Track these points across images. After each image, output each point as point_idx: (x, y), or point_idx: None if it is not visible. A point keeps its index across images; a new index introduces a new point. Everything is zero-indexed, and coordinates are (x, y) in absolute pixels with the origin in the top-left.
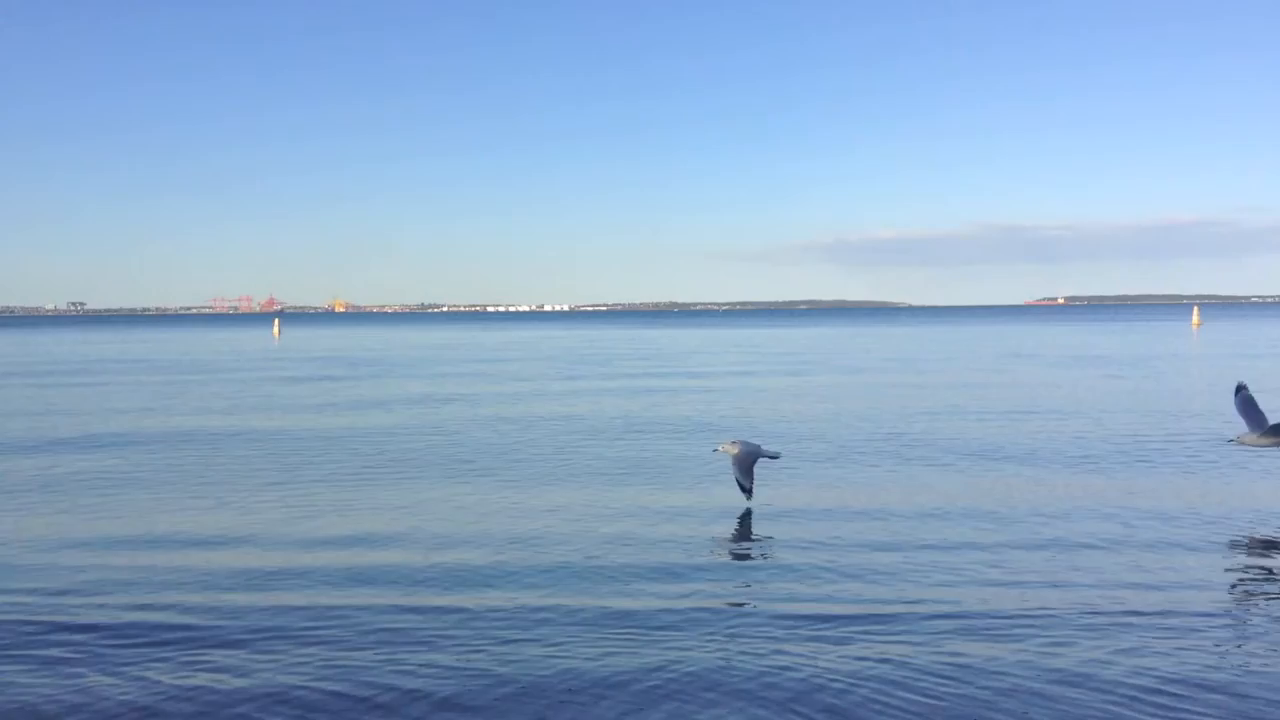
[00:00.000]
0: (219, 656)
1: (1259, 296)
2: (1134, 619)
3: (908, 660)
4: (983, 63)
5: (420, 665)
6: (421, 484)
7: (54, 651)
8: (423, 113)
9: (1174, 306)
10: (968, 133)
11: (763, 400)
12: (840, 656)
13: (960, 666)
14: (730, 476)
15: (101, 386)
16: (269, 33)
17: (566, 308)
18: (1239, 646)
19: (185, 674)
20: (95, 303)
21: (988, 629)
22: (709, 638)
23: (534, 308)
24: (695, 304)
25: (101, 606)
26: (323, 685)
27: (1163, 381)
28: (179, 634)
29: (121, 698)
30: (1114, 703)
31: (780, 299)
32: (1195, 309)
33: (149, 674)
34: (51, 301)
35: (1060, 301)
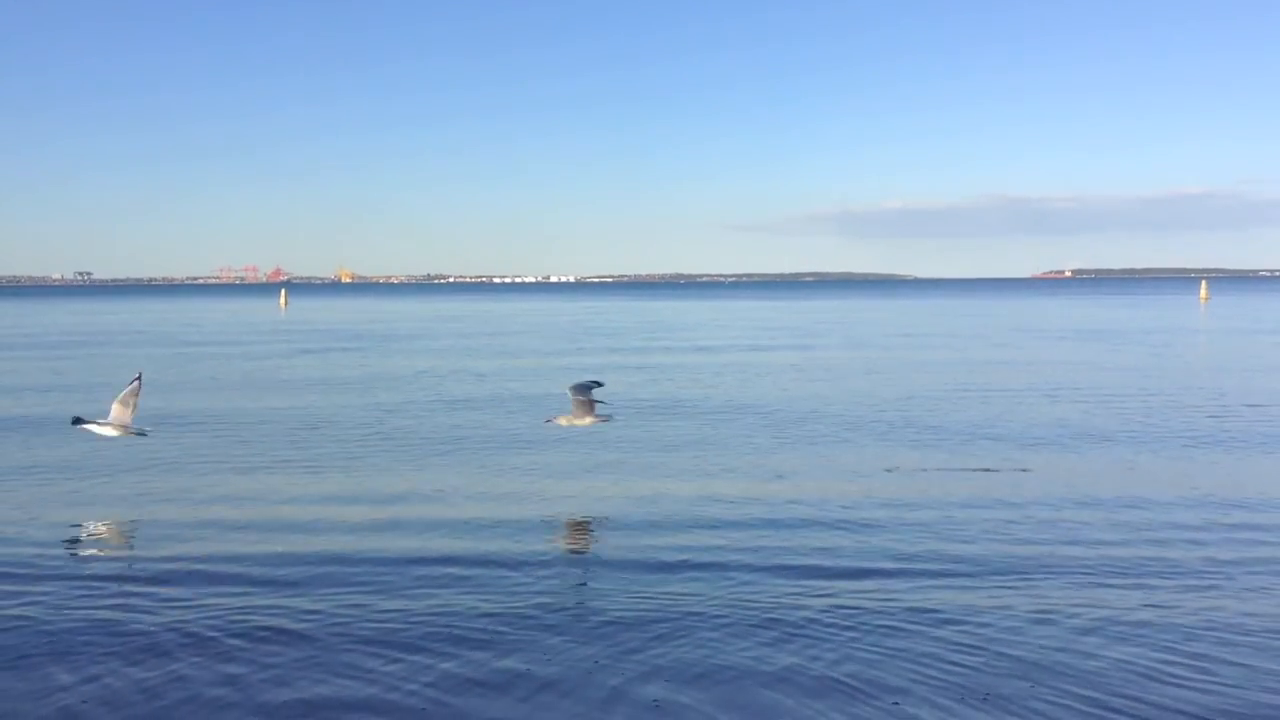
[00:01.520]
0: (272, 599)
1: (1267, 270)
2: (1107, 573)
3: (882, 609)
4: (990, 32)
5: (462, 608)
6: (444, 455)
7: (131, 599)
8: (427, 81)
9: (1181, 279)
10: (975, 103)
11: (768, 377)
12: (826, 606)
13: (940, 619)
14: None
15: (115, 359)
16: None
17: (572, 279)
18: (1195, 595)
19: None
20: (102, 273)
21: (966, 582)
22: (719, 583)
23: (540, 279)
24: (701, 275)
25: (166, 558)
26: (374, 624)
27: (1169, 359)
28: (234, 578)
29: (194, 631)
30: (1067, 643)
31: (786, 270)
32: (1203, 283)
33: (214, 609)
34: (58, 271)
35: (1067, 274)
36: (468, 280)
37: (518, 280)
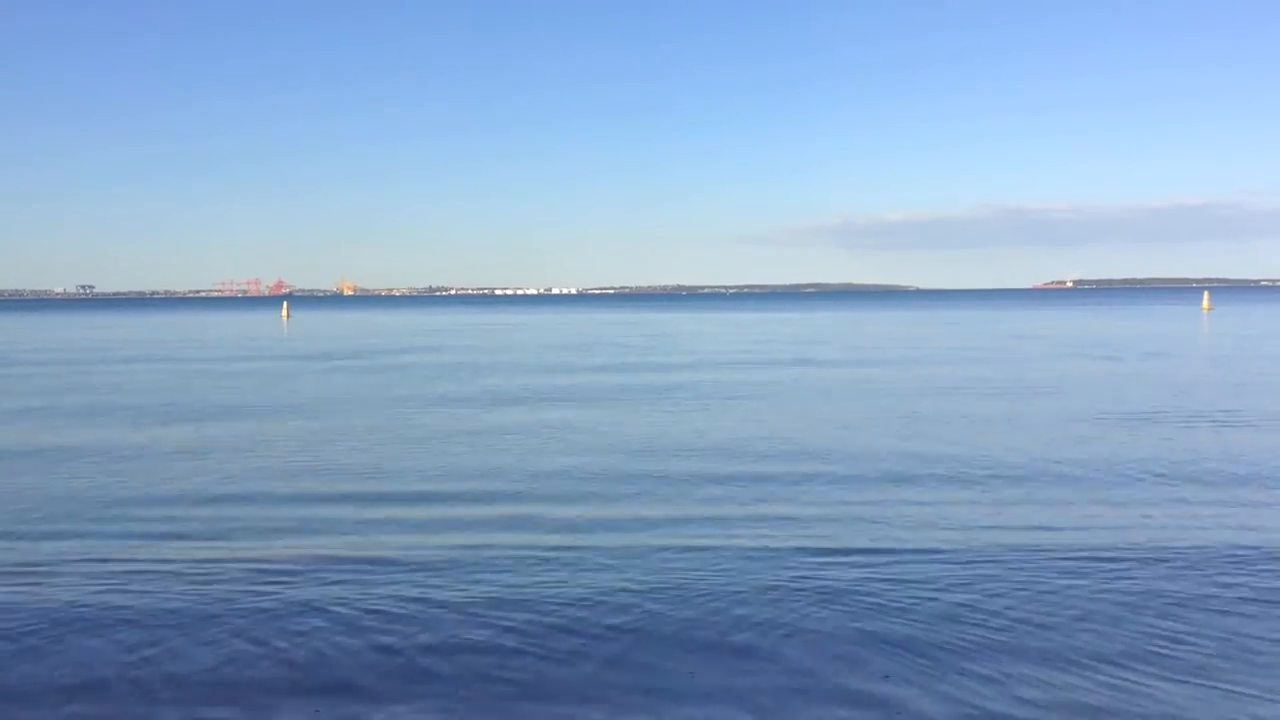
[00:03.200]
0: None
1: (1269, 280)
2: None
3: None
4: (989, 42)
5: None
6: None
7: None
8: (429, 93)
9: (1183, 290)
10: (975, 113)
11: (774, 399)
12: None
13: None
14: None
15: (124, 375)
16: (271, 11)
17: (574, 290)
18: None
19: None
20: (104, 286)
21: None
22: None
23: (542, 291)
24: (702, 287)
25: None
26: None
27: (1183, 372)
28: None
29: (318, 608)
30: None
31: (787, 282)
32: (1206, 293)
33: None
34: (61, 284)
35: (1068, 285)
36: (469, 292)
37: (519, 292)
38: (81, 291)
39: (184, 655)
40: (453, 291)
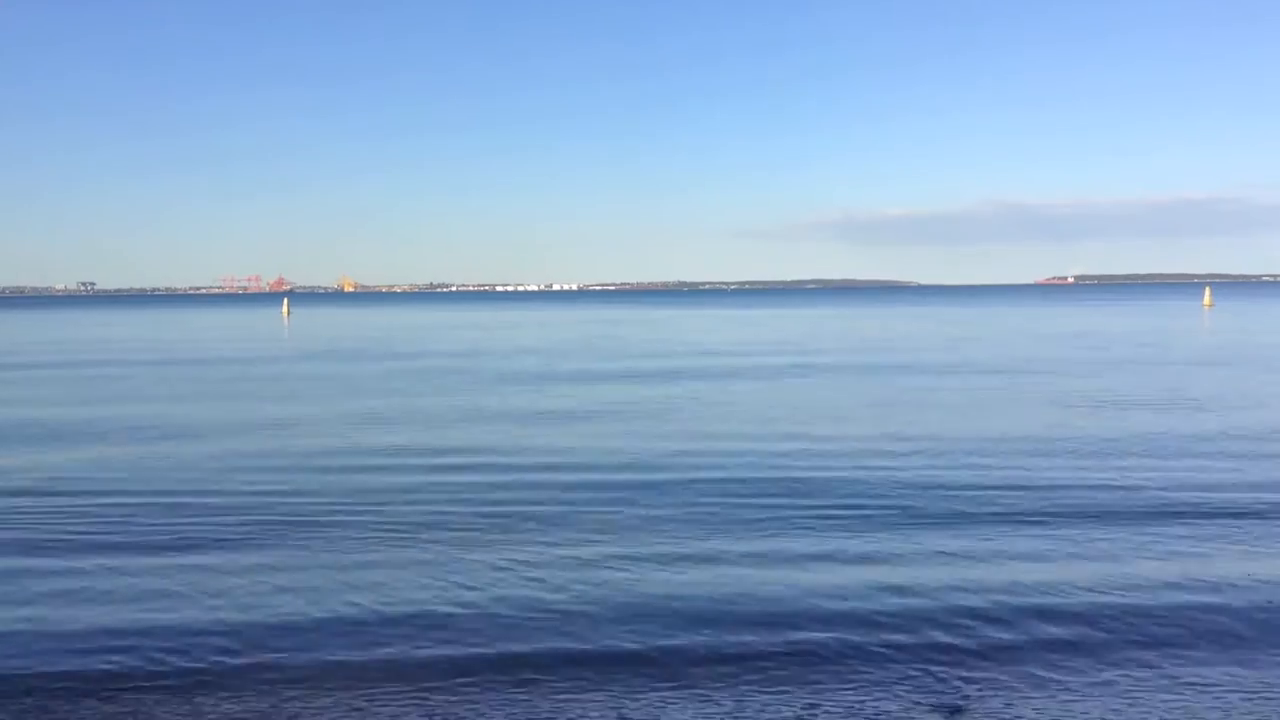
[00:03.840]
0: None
1: (1270, 275)
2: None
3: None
4: (991, 36)
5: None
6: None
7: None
8: (430, 90)
9: (1185, 285)
10: (976, 108)
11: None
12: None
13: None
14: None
15: (124, 379)
16: (271, 8)
17: (575, 287)
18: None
19: None
20: (105, 283)
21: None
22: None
23: (542, 287)
24: (703, 283)
25: None
26: None
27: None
28: None
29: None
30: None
31: (789, 278)
32: (1207, 289)
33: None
34: (62, 282)
35: (1070, 280)
36: (470, 289)
37: (520, 289)
38: (82, 288)
39: None
40: (453, 288)
